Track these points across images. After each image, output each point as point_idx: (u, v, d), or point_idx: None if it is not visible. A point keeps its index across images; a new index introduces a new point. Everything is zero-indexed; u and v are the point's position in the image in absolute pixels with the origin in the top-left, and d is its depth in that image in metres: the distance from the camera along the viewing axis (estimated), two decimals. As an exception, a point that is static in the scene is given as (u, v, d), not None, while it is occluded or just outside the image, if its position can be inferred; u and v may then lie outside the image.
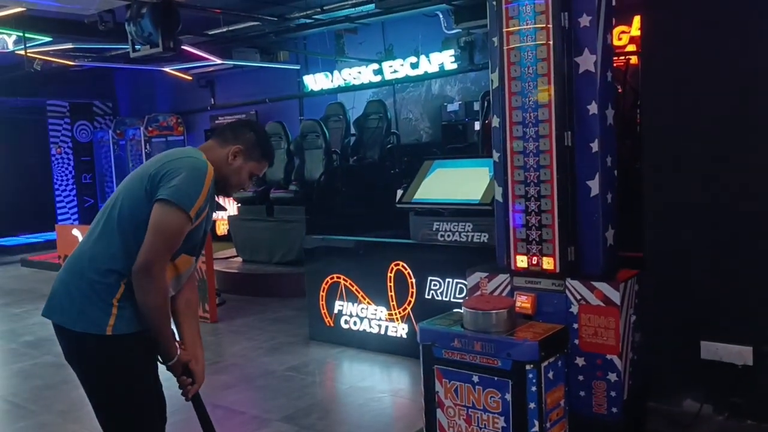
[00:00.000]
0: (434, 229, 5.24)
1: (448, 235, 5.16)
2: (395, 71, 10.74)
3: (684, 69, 3.70)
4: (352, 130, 10.01)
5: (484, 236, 4.95)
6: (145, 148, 13.93)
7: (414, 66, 10.53)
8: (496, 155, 3.79)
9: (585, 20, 3.39)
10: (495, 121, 3.79)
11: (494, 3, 3.62)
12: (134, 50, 7.14)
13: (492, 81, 3.80)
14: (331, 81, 11.55)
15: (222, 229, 11.93)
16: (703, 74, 3.65)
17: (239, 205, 9.63)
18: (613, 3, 3.58)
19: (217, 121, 13.91)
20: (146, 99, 15.22)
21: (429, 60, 10.34)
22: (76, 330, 2.26)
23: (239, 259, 9.29)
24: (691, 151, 3.70)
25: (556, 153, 3.41)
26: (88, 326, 2.25)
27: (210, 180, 2.32)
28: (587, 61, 3.40)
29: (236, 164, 2.47)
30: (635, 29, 6.88)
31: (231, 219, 9.70)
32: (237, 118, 13.41)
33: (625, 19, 7.12)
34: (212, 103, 13.77)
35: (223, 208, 9.44)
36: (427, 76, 10.58)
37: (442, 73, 10.38)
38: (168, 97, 14.91)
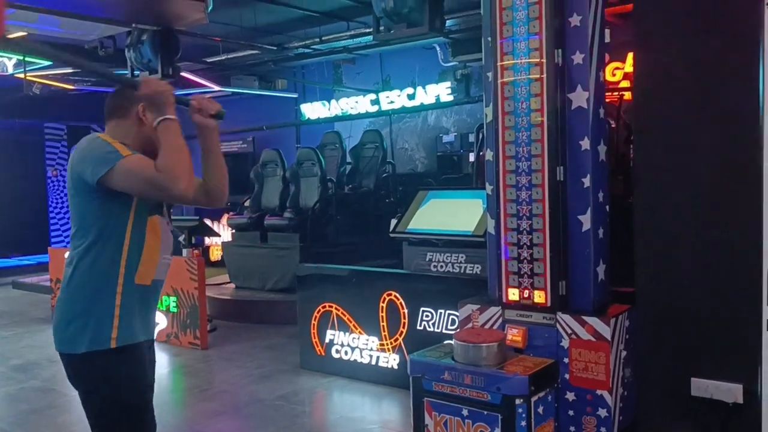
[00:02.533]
0: (427, 259, 5.26)
1: (441, 266, 5.17)
2: (392, 102, 10.85)
3: (674, 107, 3.75)
4: (348, 159, 10.07)
5: (477, 267, 4.97)
6: (142, 172, 13.94)
7: (411, 97, 10.64)
8: (489, 188, 3.82)
9: (578, 57, 3.45)
10: (488, 154, 3.83)
11: (489, 39, 3.68)
12: (133, 76, 7.21)
13: (486, 115, 3.84)
14: (329, 110, 11.64)
15: (215, 254, 11.91)
16: (692, 113, 3.70)
17: (233, 231, 9.64)
18: (606, 40, 3.65)
19: (213, 147, 13.96)
20: (144, 124, 15.26)
21: (425, 91, 10.45)
22: (79, 352, 2.27)
23: (232, 285, 9.26)
24: (682, 188, 3.74)
25: (549, 187, 3.44)
26: (92, 344, 2.26)
27: (110, 139, 2.33)
28: (580, 98, 3.45)
29: (152, 118, 2.39)
30: (629, 65, 6.98)
31: (225, 245, 9.69)
32: (234, 144, 13.54)
33: (619, 56, 7.22)
34: (209, 129, 13.81)
35: (217, 234, 9.43)
36: (423, 108, 10.69)
37: (438, 105, 10.48)
38: (166, 122, 14.95)
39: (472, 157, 9.16)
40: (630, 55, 6.62)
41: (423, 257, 5.26)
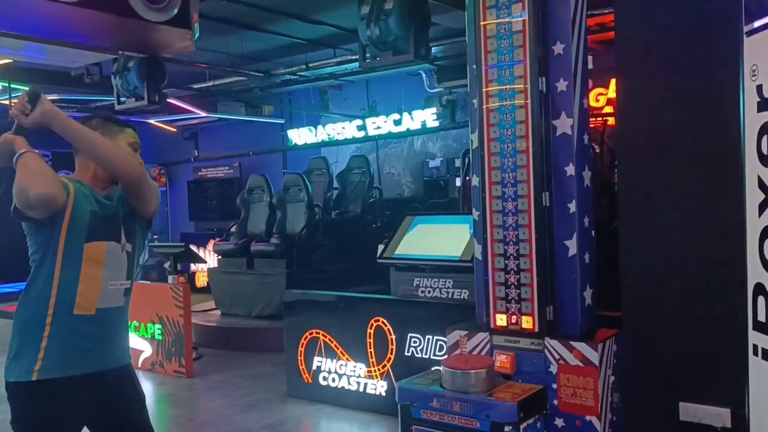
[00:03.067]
0: (415, 284, 5.25)
1: (429, 291, 5.16)
2: (378, 127, 10.90)
3: (657, 135, 3.80)
4: (335, 184, 10.09)
5: (465, 293, 4.96)
6: (127, 198, 13.87)
7: (397, 123, 10.70)
8: (475, 213, 3.84)
9: (562, 85, 3.49)
10: (475, 180, 3.85)
11: (474, 66, 3.72)
12: (119, 102, 7.20)
13: (472, 141, 3.87)
14: (315, 135, 11.68)
15: (201, 281, 11.83)
16: (674, 140, 3.74)
17: (220, 257, 9.59)
18: (589, 66, 3.70)
19: (200, 173, 13.96)
20: (130, 149, 15.23)
21: (412, 117, 10.52)
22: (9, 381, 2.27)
23: (218, 312, 9.19)
24: (666, 214, 3.77)
25: (535, 213, 3.46)
26: (18, 374, 2.24)
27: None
28: (564, 124, 3.49)
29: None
30: (612, 91, 7.08)
31: (211, 271, 9.63)
32: (220, 170, 13.53)
33: (602, 81, 7.32)
34: (196, 154, 13.83)
35: (203, 261, 9.37)
36: (409, 133, 10.75)
37: (425, 131, 10.55)
38: (152, 147, 14.94)
39: (458, 182, 9.21)
40: (613, 81, 6.73)
41: (410, 283, 5.25)
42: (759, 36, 2.47)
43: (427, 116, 10.41)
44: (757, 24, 2.47)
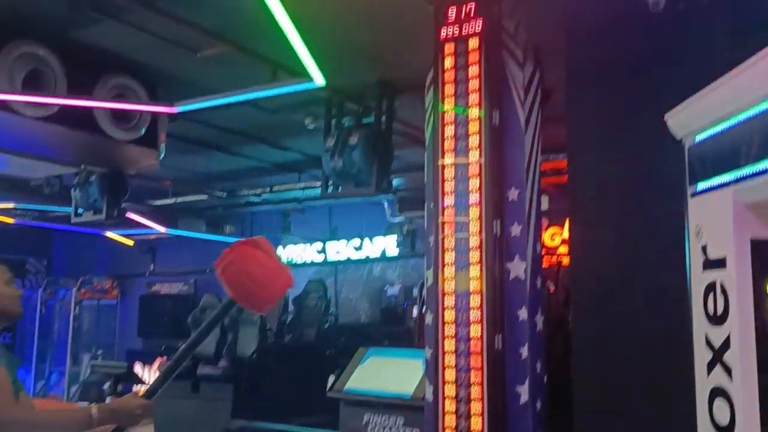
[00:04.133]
0: (364, 422, 5.05)
1: (379, 429, 4.96)
2: (338, 252, 10.92)
3: (607, 278, 3.86)
4: (291, 308, 9.91)
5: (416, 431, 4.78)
6: (74, 310, 13.41)
7: (357, 249, 10.74)
8: (428, 351, 3.77)
9: (516, 229, 3.56)
10: (429, 318, 3.81)
11: (431, 205, 3.79)
12: (76, 215, 7.11)
13: (427, 278, 3.87)
14: (275, 257, 11.60)
15: (143, 402, 11.22)
16: (623, 283, 3.80)
17: (164, 378, 9.14)
18: (545, 207, 3.80)
19: (153, 288, 13.64)
20: (84, 260, 14.91)
21: (372, 244, 10.59)
22: None
23: (156, 438, 8.65)
24: (618, 353, 3.75)
25: (487, 356, 3.41)
26: None
27: None
28: (518, 268, 3.52)
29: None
30: (566, 232, 7.27)
31: (153, 393, 9.15)
32: (175, 286, 13.26)
33: (558, 221, 7.53)
34: (152, 269, 13.57)
35: (142, 382, 8.91)
36: (369, 260, 10.77)
37: (384, 258, 10.59)
38: (107, 259, 14.64)
39: (415, 311, 9.14)
40: (567, 222, 6.93)
41: (360, 419, 5.05)
42: (702, 198, 2.57)
43: (387, 244, 10.49)
44: (700, 187, 2.58)
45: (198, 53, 5.06)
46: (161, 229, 10.68)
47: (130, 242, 12.75)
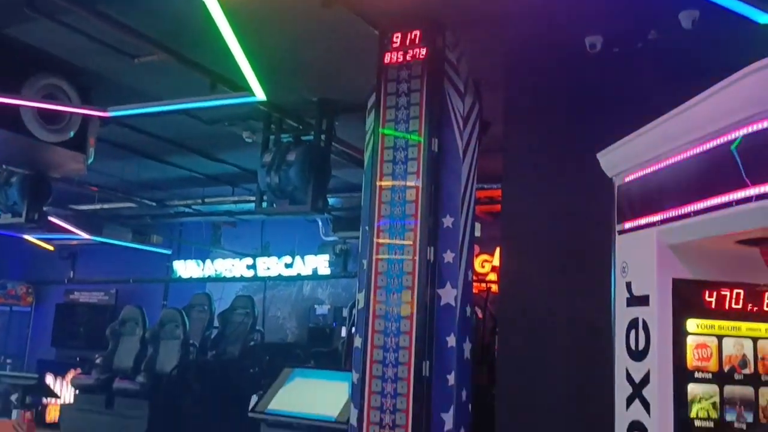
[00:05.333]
0: (285, 443, 4.95)
1: (300, 452, 4.88)
2: (269, 268, 10.77)
3: (533, 310, 3.94)
4: (216, 323, 9.67)
5: (337, 456, 4.72)
6: (-16, 316, 12.72)
7: (288, 266, 10.62)
8: (355, 376, 3.74)
9: (449, 256, 3.59)
10: (357, 341, 3.78)
11: (367, 228, 3.78)
12: (-7, 217, 6.76)
13: (358, 300, 3.85)
14: (202, 270, 11.36)
15: (53, 414, 10.68)
16: (549, 315, 3.88)
17: (76, 391, 8.75)
18: (477, 234, 3.85)
19: (71, 296, 13.09)
20: (-3, 263, 14.20)
21: (304, 262, 10.50)
22: None
23: (64, 455, 8.24)
24: (540, 384, 3.82)
25: (414, 382, 3.40)
26: None
27: None
28: (449, 295, 3.55)
29: None
30: (496, 259, 7.40)
31: (63, 408, 8.73)
32: (94, 295, 12.77)
33: (489, 249, 7.66)
34: (71, 276, 13.02)
35: (56, 396, 8.52)
36: (300, 278, 10.67)
37: (316, 277, 10.51)
38: (22, 263, 13.95)
39: (344, 332, 9.08)
40: (498, 250, 7.06)
41: (281, 441, 4.96)
42: (629, 236, 2.66)
43: (319, 262, 10.42)
44: (627, 225, 2.66)
45: (136, 59, 4.93)
46: (85, 235, 10.28)
47: (50, 247, 12.22)
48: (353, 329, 6.51)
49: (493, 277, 7.25)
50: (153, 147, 7.61)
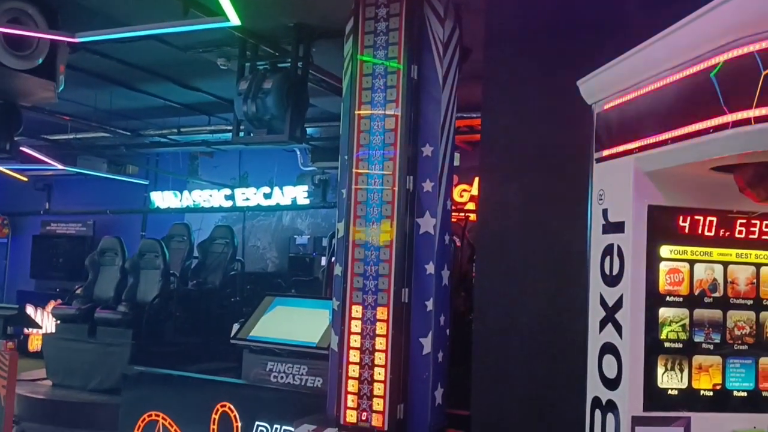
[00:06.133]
0: (267, 369, 5.06)
1: (282, 377, 4.99)
2: (247, 199, 10.74)
3: (511, 235, 3.98)
4: (196, 253, 9.70)
5: (318, 380, 4.84)
6: (-41, 246, 12.62)
7: (267, 196, 10.60)
8: (335, 303, 3.79)
9: (428, 185, 3.60)
10: (338, 269, 3.82)
11: (346, 157, 3.76)
12: (-37, 149, 6.61)
13: (338, 230, 3.87)
14: (180, 201, 11.30)
15: (35, 344, 10.79)
16: (526, 240, 3.93)
17: (58, 321, 8.81)
18: (456, 164, 3.85)
19: (48, 227, 12.99)
20: (-29, 194, 13.99)
21: (282, 192, 10.48)
22: None
23: (48, 382, 8.36)
24: (518, 312, 3.90)
25: (393, 308, 3.47)
26: None
27: None
28: (428, 224, 3.57)
29: None
30: (475, 189, 7.44)
31: (46, 338, 8.80)
32: (72, 227, 12.68)
33: (467, 179, 7.69)
34: (47, 207, 12.89)
35: (38, 325, 8.57)
36: (279, 208, 10.67)
37: (294, 207, 10.52)
38: (-4, 193, 13.81)
39: (324, 261, 9.17)
40: (477, 180, 7.09)
41: (263, 367, 5.05)
42: (606, 164, 2.67)
43: (298, 193, 10.41)
44: (605, 153, 2.68)
45: (104, -19, 4.75)
46: (59, 165, 10.11)
47: (24, 178, 12.03)
48: (333, 258, 6.59)
49: (471, 206, 7.30)
50: (125, 75, 7.42)
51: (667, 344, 2.40)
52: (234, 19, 4.25)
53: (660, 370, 2.39)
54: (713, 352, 2.41)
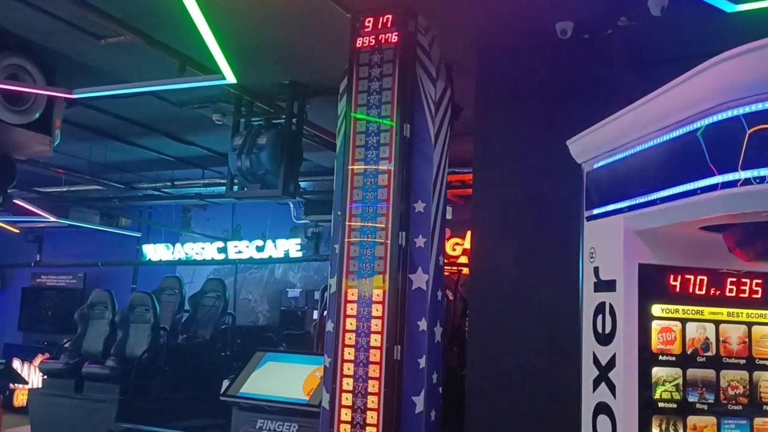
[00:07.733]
0: (257, 426, 4.96)
1: (272, 435, 4.89)
2: (240, 252, 10.72)
3: (502, 294, 3.99)
4: (186, 306, 9.61)
5: (309, 439, 4.74)
6: (-52, 299, 12.47)
7: (260, 249, 10.58)
8: (327, 360, 3.75)
9: (420, 241, 3.61)
10: (329, 326, 3.80)
11: (339, 213, 3.78)
12: (-45, 201, 6.60)
13: (330, 285, 3.86)
14: (172, 253, 11.26)
15: (21, 399, 10.55)
16: (518, 299, 3.94)
17: (45, 377, 8.64)
18: (448, 217, 3.88)
19: (38, 280, 12.88)
20: (-39, 246, 13.90)
21: (275, 245, 10.47)
22: None
23: (33, 440, 8.15)
24: (509, 369, 3.88)
25: (385, 366, 3.43)
26: None
27: None
28: (420, 279, 3.57)
29: None
30: (468, 242, 7.45)
31: (32, 393, 8.62)
32: (62, 279, 12.57)
33: (460, 232, 7.71)
34: (38, 259, 12.81)
35: (24, 381, 8.40)
36: (271, 261, 10.64)
37: (287, 260, 10.49)
38: (-13, 246, 13.72)
39: (315, 315, 9.10)
40: (469, 233, 7.11)
41: (253, 424, 4.96)
42: (597, 222, 2.70)
43: (291, 246, 10.40)
44: (595, 211, 2.71)
45: (102, 40, 4.83)
46: (51, 217, 10.09)
47: (15, 230, 11.99)
48: (325, 313, 6.54)
49: (464, 260, 7.29)
50: (121, 129, 7.49)
51: (661, 404, 2.38)
52: (230, 77, 4.33)
53: (655, 431, 2.36)
54: (708, 413, 2.38)
